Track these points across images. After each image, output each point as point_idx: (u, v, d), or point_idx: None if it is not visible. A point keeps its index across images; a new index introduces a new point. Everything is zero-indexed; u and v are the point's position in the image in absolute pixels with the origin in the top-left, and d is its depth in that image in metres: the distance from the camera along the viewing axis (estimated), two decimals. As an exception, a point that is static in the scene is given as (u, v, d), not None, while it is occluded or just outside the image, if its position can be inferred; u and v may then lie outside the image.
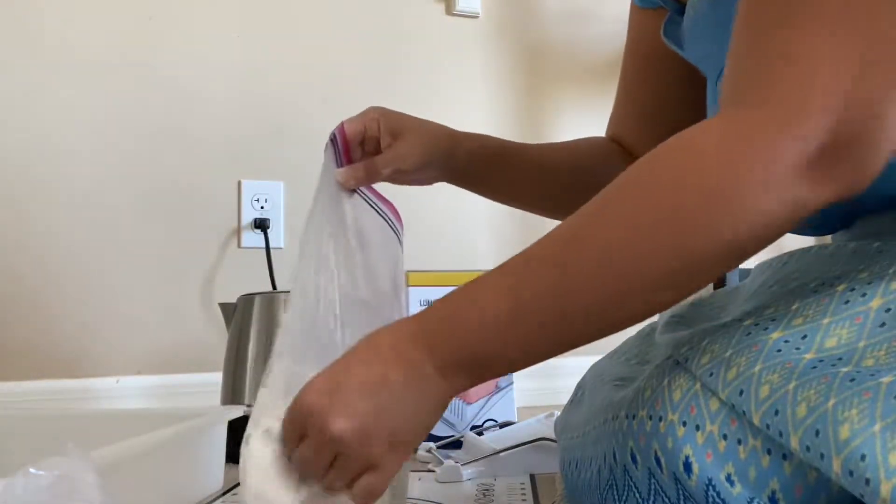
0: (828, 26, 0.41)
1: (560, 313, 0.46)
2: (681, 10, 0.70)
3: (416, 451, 0.61)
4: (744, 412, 0.43)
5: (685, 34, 0.67)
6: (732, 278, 1.71)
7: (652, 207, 0.44)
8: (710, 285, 1.82)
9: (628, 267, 0.44)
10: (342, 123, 0.75)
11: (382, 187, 0.77)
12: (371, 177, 0.73)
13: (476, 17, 1.74)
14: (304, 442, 0.50)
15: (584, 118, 1.75)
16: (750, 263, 0.64)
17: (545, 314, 0.47)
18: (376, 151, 0.75)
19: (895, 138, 0.42)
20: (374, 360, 0.50)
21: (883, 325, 0.43)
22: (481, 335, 0.48)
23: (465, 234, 1.68)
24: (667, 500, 0.47)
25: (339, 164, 0.74)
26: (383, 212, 0.76)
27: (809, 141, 0.40)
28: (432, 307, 0.51)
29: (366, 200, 0.75)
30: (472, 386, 0.51)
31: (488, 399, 1.12)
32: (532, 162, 0.82)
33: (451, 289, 0.50)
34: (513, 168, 0.81)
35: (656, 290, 0.45)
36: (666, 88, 0.80)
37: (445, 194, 0.93)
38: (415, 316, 0.52)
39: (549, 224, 0.54)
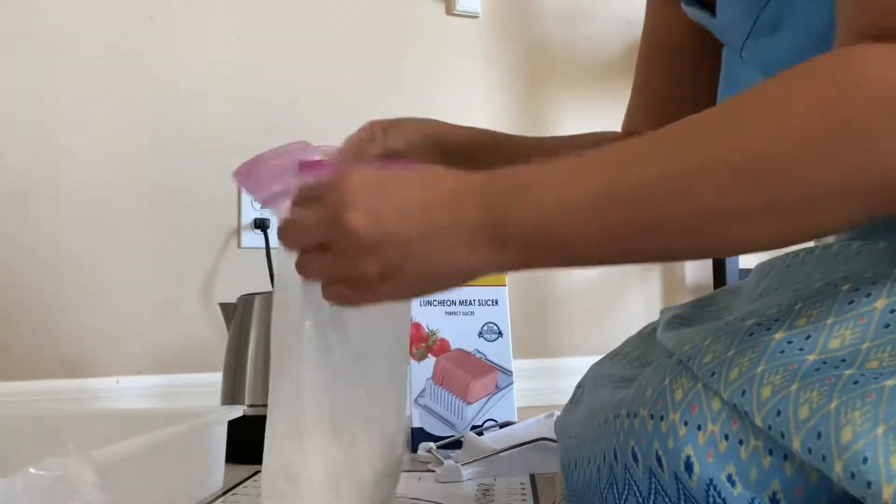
0: None
1: (659, 210, 0.41)
2: None
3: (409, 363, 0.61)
4: (746, 412, 0.43)
5: (718, 2, 0.66)
6: (732, 278, 1.71)
7: (816, 122, 0.39)
8: (710, 285, 1.83)
9: (765, 183, 0.39)
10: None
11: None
12: (359, 156, 0.68)
13: (476, 17, 1.74)
14: (318, 205, 0.48)
15: (584, 118, 1.74)
16: (750, 263, 0.64)
17: (640, 208, 0.41)
18: None
19: None
20: (423, 192, 0.46)
21: (887, 326, 0.43)
22: (556, 214, 0.43)
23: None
24: (667, 499, 0.47)
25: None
26: None
27: None
28: (509, 168, 0.46)
29: None
30: (510, 268, 0.46)
31: (488, 399, 1.12)
32: (531, 152, 0.81)
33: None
34: (508, 158, 0.80)
35: (780, 217, 0.40)
36: (681, 77, 0.80)
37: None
38: (482, 175, 0.47)
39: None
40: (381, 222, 0.45)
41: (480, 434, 1.04)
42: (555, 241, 0.44)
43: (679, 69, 0.80)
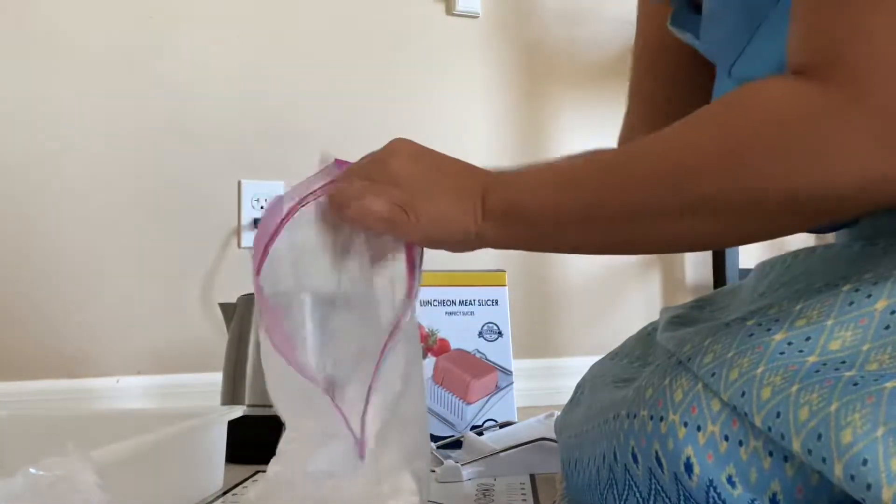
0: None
1: (602, 203, 0.51)
2: (688, 2, 0.70)
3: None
4: (745, 413, 0.43)
5: (704, 19, 0.67)
6: (732, 278, 1.71)
7: (731, 140, 0.46)
8: (710, 285, 1.83)
9: (685, 181, 0.47)
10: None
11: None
12: None
13: (476, 17, 1.74)
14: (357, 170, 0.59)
15: (584, 118, 1.75)
16: (750, 263, 0.64)
17: (585, 196, 0.52)
18: None
19: None
20: (452, 163, 0.58)
21: (888, 327, 0.43)
22: (521, 193, 0.54)
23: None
24: (667, 500, 0.47)
25: None
26: None
27: (889, 114, 0.41)
28: (504, 168, 0.58)
29: None
30: (496, 236, 0.56)
31: (488, 399, 1.12)
32: None
33: (451, 288, 0.52)
34: None
35: (703, 216, 0.48)
36: (675, 84, 0.80)
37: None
38: (489, 168, 0.58)
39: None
40: (415, 166, 0.56)
41: (480, 434, 1.04)
42: (520, 215, 0.54)
43: (675, 78, 0.80)
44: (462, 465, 0.89)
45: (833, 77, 0.43)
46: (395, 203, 0.55)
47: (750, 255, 1.76)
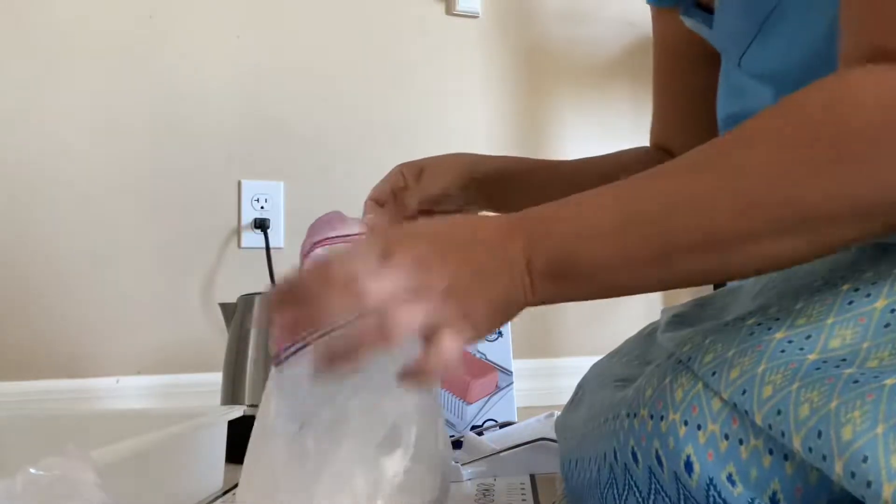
0: None
1: (674, 229, 0.44)
2: (695, 2, 0.71)
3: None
4: (746, 412, 0.43)
5: (715, 14, 0.67)
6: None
7: (810, 146, 0.41)
8: (711, 285, 1.83)
9: (770, 201, 0.42)
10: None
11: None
12: (402, 210, 0.75)
13: (476, 17, 1.74)
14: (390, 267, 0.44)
15: (584, 118, 1.75)
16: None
17: (657, 232, 0.44)
18: None
19: None
20: (477, 232, 0.48)
21: (887, 325, 0.43)
22: (584, 246, 0.46)
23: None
24: (667, 499, 0.47)
25: None
26: None
27: None
28: (535, 208, 0.48)
29: None
30: (554, 298, 0.47)
31: (488, 399, 1.12)
32: (558, 176, 0.83)
33: None
34: (536, 184, 0.82)
35: (792, 235, 0.42)
36: (699, 81, 0.80)
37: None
38: (517, 213, 0.49)
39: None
40: (453, 270, 0.45)
41: (480, 434, 1.04)
42: (582, 271, 0.46)
43: (696, 72, 0.80)
44: (462, 465, 0.89)
45: None
46: (452, 325, 0.44)
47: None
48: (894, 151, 0.40)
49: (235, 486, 0.88)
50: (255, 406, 1.06)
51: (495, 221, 0.48)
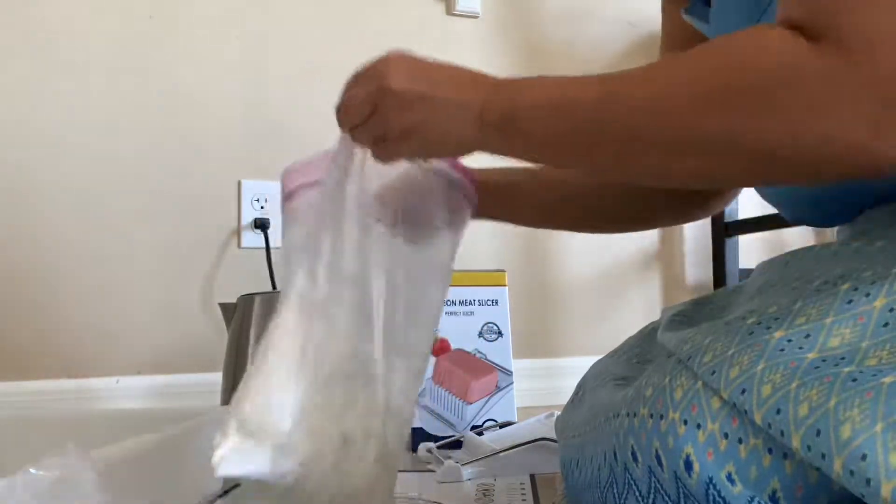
0: None
1: (599, 129, 0.51)
2: None
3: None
4: (745, 411, 0.43)
5: (713, 11, 0.67)
6: (732, 278, 1.71)
7: (732, 75, 0.46)
8: (710, 285, 1.83)
9: (685, 113, 0.47)
10: None
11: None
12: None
13: (476, 17, 1.74)
14: (362, 82, 0.62)
15: (584, 118, 1.75)
16: (751, 263, 0.64)
17: (583, 120, 0.52)
18: None
19: None
20: (453, 74, 0.60)
21: (886, 324, 0.43)
22: (522, 110, 0.55)
23: (466, 239, 1.68)
24: (667, 498, 0.47)
25: None
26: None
27: (882, 89, 0.42)
28: (512, 77, 0.58)
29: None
30: (497, 147, 0.58)
31: (488, 399, 1.12)
32: (556, 182, 0.82)
33: (451, 288, 0.52)
34: (534, 192, 0.81)
35: (692, 153, 0.48)
36: None
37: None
38: (494, 76, 0.59)
39: (550, 230, 0.54)
40: (412, 86, 0.58)
41: (480, 434, 1.04)
42: (518, 131, 0.55)
43: None
44: (462, 465, 0.89)
45: (833, 40, 0.43)
46: (394, 135, 0.58)
47: (750, 256, 1.76)
48: (789, 92, 0.44)
49: (235, 486, 0.88)
50: (255, 406, 1.06)
51: (474, 73, 0.60)
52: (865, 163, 0.43)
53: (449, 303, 1.14)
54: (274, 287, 1.46)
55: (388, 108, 0.59)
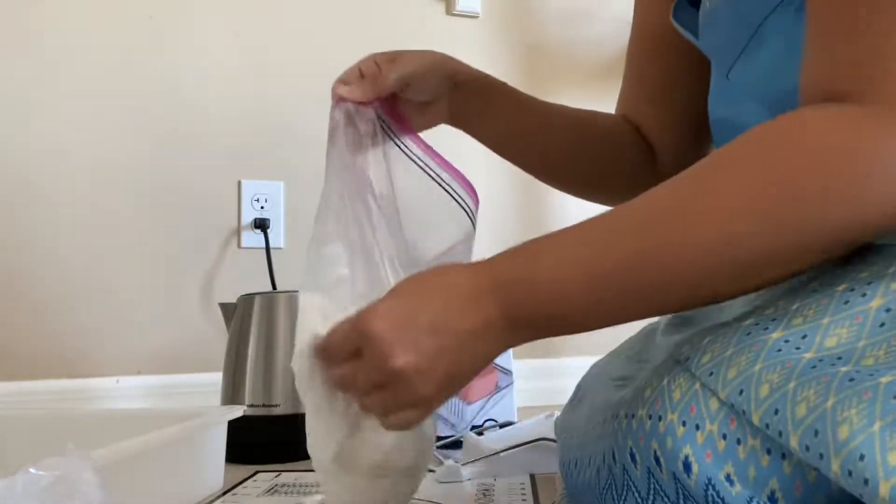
0: None
1: (641, 286, 0.47)
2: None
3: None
4: (743, 411, 0.43)
5: (700, 23, 0.67)
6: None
7: (763, 191, 0.44)
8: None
9: (728, 247, 0.45)
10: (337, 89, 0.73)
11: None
12: (377, 88, 0.70)
13: (476, 17, 1.74)
14: (358, 363, 0.51)
15: (584, 118, 1.75)
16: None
17: (625, 285, 0.47)
18: None
19: None
20: (450, 302, 0.50)
21: (883, 325, 0.43)
22: (557, 302, 0.49)
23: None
24: (666, 499, 0.47)
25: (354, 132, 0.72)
26: (442, 180, 0.71)
27: None
28: (508, 258, 0.52)
29: (415, 161, 0.71)
30: (535, 338, 0.52)
31: (488, 399, 1.12)
32: (536, 110, 0.81)
33: None
34: (513, 108, 0.80)
35: (753, 274, 0.46)
36: (675, 67, 0.80)
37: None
38: (489, 266, 0.52)
39: (550, 230, 0.53)
40: (421, 349, 0.49)
41: (480, 434, 1.04)
42: (558, 323, 0.50)
43: (673, 58, 0.80)
44: (462, 465, 0.89)
45: (878, 98, 0.43)
46: (425, 403, 0.51)
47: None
48: (839, 193, 0.42)
49: (235, 486, 0.88)
50: (254, 406, 1.06)
51: (464, 286, 0.51)
52: None
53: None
54: (274, 287, 1.46)
55: (407, 386, 0.50)
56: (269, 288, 1.46)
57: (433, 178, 0.71)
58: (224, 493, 0.85)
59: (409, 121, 0.74)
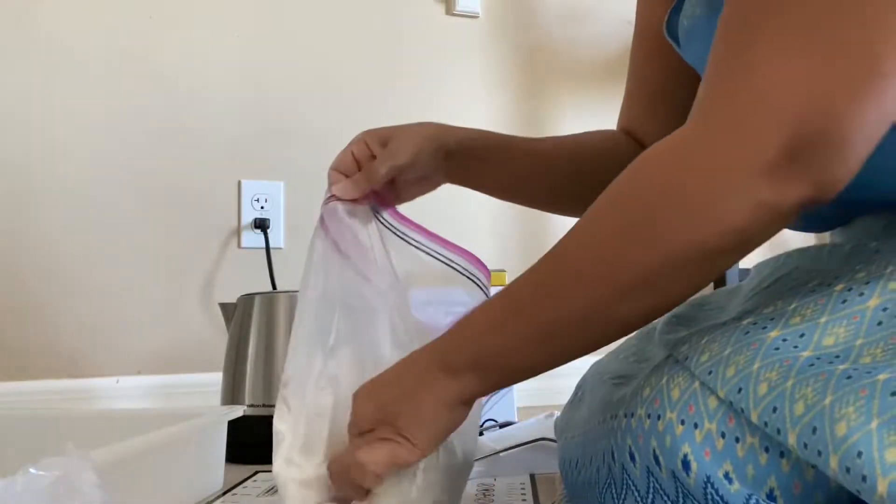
0: (789, 39, 0.42)
1: (542, 323, 0.50)
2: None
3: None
4: (742, 410, 0.43)
5: (681, 35, 0.67)
6: (732, 278, 1.71)
7: (622, 218, 0.47)
8: (711, 284, 1.83)
9: (600, 276, 0.47)
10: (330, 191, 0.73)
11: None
12: (371, 180, 0.70)
13: (476, 17, 1.75)
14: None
15: (584, 118, 1.75)
16: (749, 263, 0.65)
17: (530, 323, 0.51)
18: None
19: (861, 142, 0.42)
20: (407, 375, 0.57)
21: (880, 323, 0.43)
22: (482, 337, 0.53)
23: (465, 239, 1.68)
24: (666, 498, 0.48)
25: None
26: (452, 262, 0.73)
27: (766, 149, 0.42)
28: (452, 331, 0.56)
29: (421, 249, 0.72)
30: (483, 389, 0.55)
31: (488, 399, 1.12)
32: (532, 154, 0.81)
33: (452, 288, 0.52)
34: (510, 159, 0.80)
35: (632, 299, 0.47)
36: (675, 73, 0.80)
37: (445, 199, 0.93)
38: (438, 341, 0.57)
39: (550, 230, 0.54)
40: (384, 407, 0.56)
41: (480, 434, 1.04)
42: (488, 360, 0.53)
43: (673, 63, 0.80)
44: (462, 464, 0.89)
45: (709, 115, 0.45)
46: (392, 450, 0.55)
47: (749, 256, 1.76)
48: (669, 216, 0.44)
49: (235, 485, 0.88)
50: (255, 406, 1.06)
51: (422, 361, 0.56)
52: (774, 218, 0.43)
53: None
54: (274, 287, 1.46)
55: (378, 430, 0.56)
56: (269, 288, 1.46)
57: (442, 262, 0.72)
58: (224, 493, 0.85)
59: (403, 199, 0.76)
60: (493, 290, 1.16)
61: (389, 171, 0.70)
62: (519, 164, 0.80)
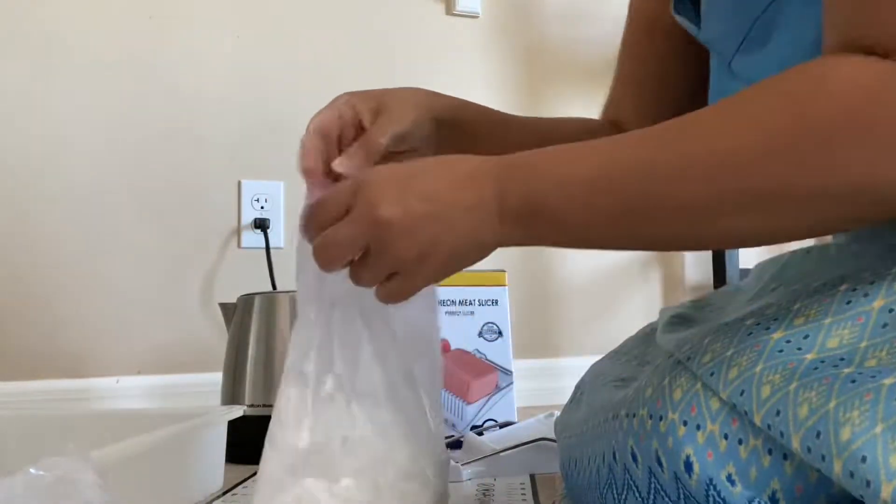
0: None
1: (644, 199, 0.45)
2: None
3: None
4: (745, 412, 0.43)
5: (703, 12, 0.66)
6: (732, 278, 1.71)
7: (782, 122, 0.42)
8: (710, 285, 1.83)
9: (739, 170, 0.42)
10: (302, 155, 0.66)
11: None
12: (371, 153, 0.63)
13: (476, 17, 1.74)
14: (347, 218, 0.51)
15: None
16: (750, 263, 0.65)
17: (627, 193, 0.46)
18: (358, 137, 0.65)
19: None
20: (445, 177, 0.50)
21: (885, 325, 0.43)
22: (552, 193, 0.48)
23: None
24: (667, 499, 0.47)
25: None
26: None
27: None
28: (515, 155, 0.50)
29: None
30: (521, 242, 0.51)
31: (488, 399, 1.12)
32: (527, 131, 0.80)
33: (451, 289, 0.51)
34: (504, 134, 0.78)
35: (759, 208, 0.43)
36: (667, 64, 0.79)
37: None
38: (495, 157, 0.51)
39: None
40: (410, 208, 0.49)
41: (480, 434, 1.04)
42: (550, 218, 0.48)
43: (666, 54, 0.79)
44: (462, 465, 0.89)
45: None
46: (406, 267, 0.50)
47: (750, 255, 1.76)
48: (860, 140, 0.40)
49: (235, 485, 0.88)
50: (255, 406, 1.06)
51: (466, 165, 0.51)
52: None
53: (449, 303, 1.14)
54: (274, 287, 1.46)
55: (389, 243, 0.49)
56: (269, 288, 1.46)
57: None
58: (224, 493, 0.84)
59: None
60: (494, 290, 1.16)
61: (391, 140, 0.62)
62: (513, 139, 0.77)
